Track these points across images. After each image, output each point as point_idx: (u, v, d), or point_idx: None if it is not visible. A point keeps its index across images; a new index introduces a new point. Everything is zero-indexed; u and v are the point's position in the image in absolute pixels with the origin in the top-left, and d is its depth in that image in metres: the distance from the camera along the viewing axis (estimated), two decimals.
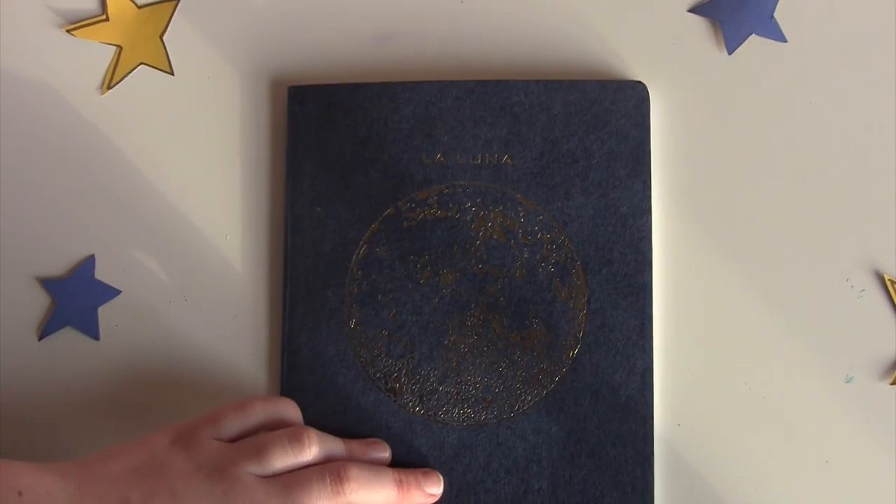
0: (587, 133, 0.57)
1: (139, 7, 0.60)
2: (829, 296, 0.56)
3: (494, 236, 0.57)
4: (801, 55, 0.58)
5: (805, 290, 0.56)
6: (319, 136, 0.59)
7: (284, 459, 0.52)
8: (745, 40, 0.58)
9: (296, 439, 0.53)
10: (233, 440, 0.53)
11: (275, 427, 0.54)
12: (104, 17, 0.60)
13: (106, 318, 0.59)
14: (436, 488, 0.56)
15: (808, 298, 0.56)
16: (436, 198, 0.57)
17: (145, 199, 0.60)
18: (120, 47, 0.60)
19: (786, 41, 0.58)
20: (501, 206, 0.57)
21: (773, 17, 0.58)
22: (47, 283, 0.59)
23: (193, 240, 0.60)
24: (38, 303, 0.59)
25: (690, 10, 0.58)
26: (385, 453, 0.56)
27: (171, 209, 0.60)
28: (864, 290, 0.56)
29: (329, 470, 0.52)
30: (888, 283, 0.56)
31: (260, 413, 0.54)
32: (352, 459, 0.55)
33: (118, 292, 0.59)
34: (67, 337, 0.59)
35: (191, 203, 0.60)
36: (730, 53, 0.58)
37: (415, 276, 0.57)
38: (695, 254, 0.57)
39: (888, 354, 0.56)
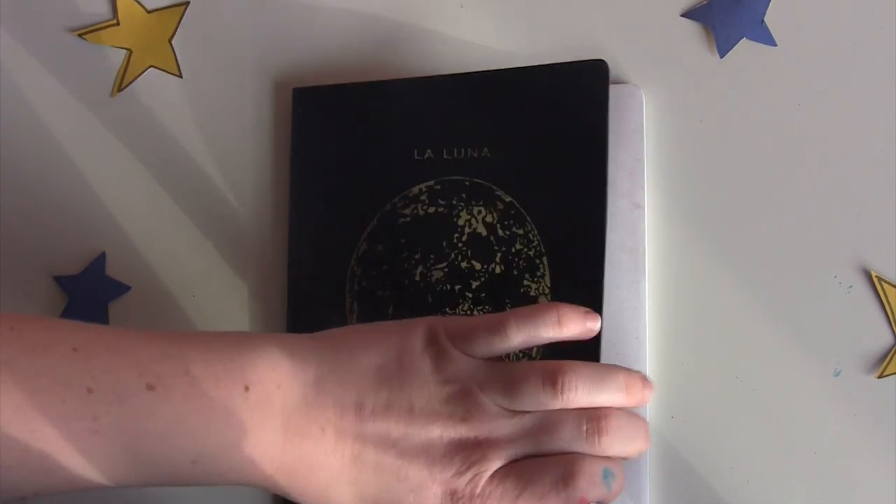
0: (547, 122, 0.56)
1: (149, 12, 0.61)
2: (818, 292, 0.57)
3: (478, 231, 0.57)
4: (792, 59, 0.58)
5: (794, 287, 0.57)
6: (320, 136, 0.59)
7: (535, 400, 0.47)
8: (736, 44, 0.58)
9: (550, 383, 0.47)
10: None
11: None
12: (114, 21, 0.61)
13: (116, 313, 0.60)
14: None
15: (798, 294, 0.57)
16: (426, 194, 0.57)
17: (154, 199, 0.61)
18: (130, 51, 0.61)
19: (776, 45, 0.58)
20: (483, 201, 0.56)
21: (763, 21, 0.58)
22: (60, 280, 0.60)
23: (201, 237, 0.61)
24: (52, 299, 0.60)
25: (683, 15, 0.59)
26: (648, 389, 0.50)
27: (180, 207, 0.61)
28: (851, 287, 0.57)
29: (587, 418, 0.47)
30: (875, 280, 0.56)
31: (514, 336, 0.48)
32: (612, 407, 0.49)
33: (128, 288, 0.60)
34: None
35: (198, 201, 0.61)
36: (721, 57, 0.58)
37: (410, 273, 0.57)
38: (686, 251, 0.58)
39: (875, 349, 0.56)
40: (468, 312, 0.56)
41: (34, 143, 0.61)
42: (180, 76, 0.61)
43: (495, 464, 0.47)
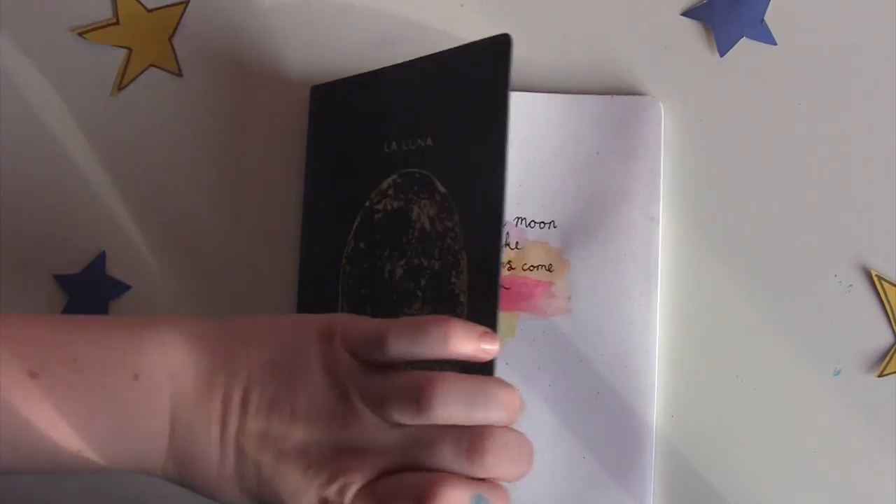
0: (460, 105, 0.52)
1: (149, 11, 0.61)
2: (818, 291, 0.57)
3: (424, 226, 0.53)
4: (791, 58, 0.58)
5: (795, 286, 0.57)
6: (316, 135, 0.60)
7: (402, 416, 0.44)
8: (736, 43, 0.58)
9: (414, 398, 0.43)
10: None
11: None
12: (114, 20, 0.61)
13: (116, 313, 0.60)
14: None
15: (798, 294, 0.57)
16: (392, 188, 0.55)
17: (155, 197, 0.61)
18: (130, 49, 0.61)
19: (776, 44, 0.58)
20: (427, 193, 0.53)
21: (763, 20, 0.58)
22: (60, 279, 0.60)
23: (202, 236, 0.61)
24: (52, 298, 0.60)
25: (683, 14, 0.59)
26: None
27: (180, 206, 0.61)
28: (851, 286, 0.57)
29: (469, 436, 0.43)
30: (875, 279, 0.57)
31: (391, 349, 0.44)
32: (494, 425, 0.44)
33: (128, 288, 0.60)
34: None
35: (199, 201, 0.61)
36: (721, 56, 0.59)
37: (382, 270, 0.55)
38: (685, 249, 0.58)
39: (875, 348, 0.57)
40: (419, 312, 0.53)
41: (34, 143, 0.61)
42: (180, 75, 0.61)
43: (365, 476, 0.44)
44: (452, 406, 0.43)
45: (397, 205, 0.55)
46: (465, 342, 0.44)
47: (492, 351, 0.45)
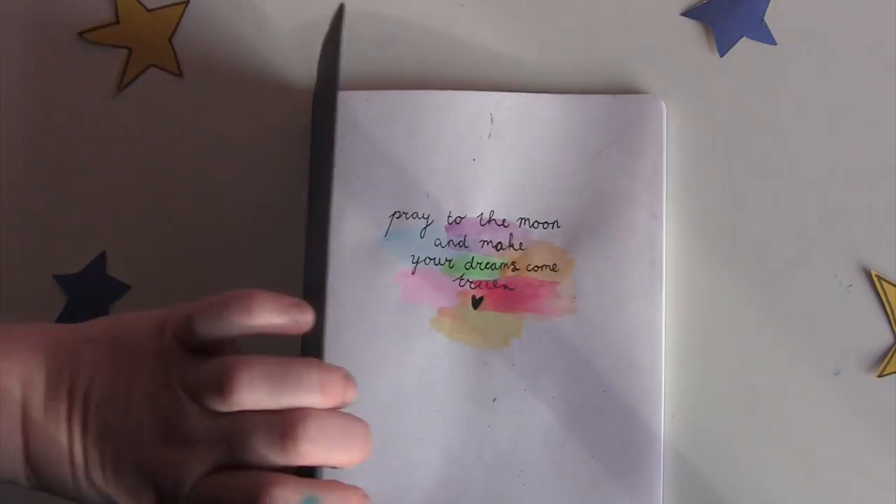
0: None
1: (149, 10, 0.61)
2: (818, 291, 0.57)
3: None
4: (791, 57, 0.58)
5: (794, 286, 0.57)
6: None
7: (210, 403, 0.42)
8: (736, 43, 0.59)
9: (216, 383, 0.42)
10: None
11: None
12: (114, 20, 0.61)
13: (116, 313, 0.60)
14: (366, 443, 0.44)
15: (798, 293, 0.57)
16: None
17: (155, 198, 0.61)
18: (130, 49, 0.61)
19: (776, 44, 0.58)
20: None
21: (763, 20, 0.58)
22: (60, 280, 0.60)
23: (202, 236, 0.61)
24: (52, 299, 0.60)
25: (683, 14, 0.59)
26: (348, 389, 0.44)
27: (180, 207, 0.61)
28: (851, 285, 0.57)
29: (281, 421, 0.42)
30: (875, 279, 0.57)
31: (200, 327, 0.44)
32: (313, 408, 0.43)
33: (128, 288, 0.60)
34: None
35: (199, 201, 0.61)
36: (721, 56, 0.59)
37: None
38: (684, 249, 0.58)
39: (875, 348, 0.57)
40: None
41: (34, 143, 0.61)
42: (180, 75, 0.61)
43: (196, 470, 0.42)
44: (258, 391, 0.42)
45: None
46: (271, 314, 0.43)
47: (305, 322, 0.44)
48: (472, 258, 0.58)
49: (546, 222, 0.58)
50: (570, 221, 0.58)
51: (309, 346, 0.46)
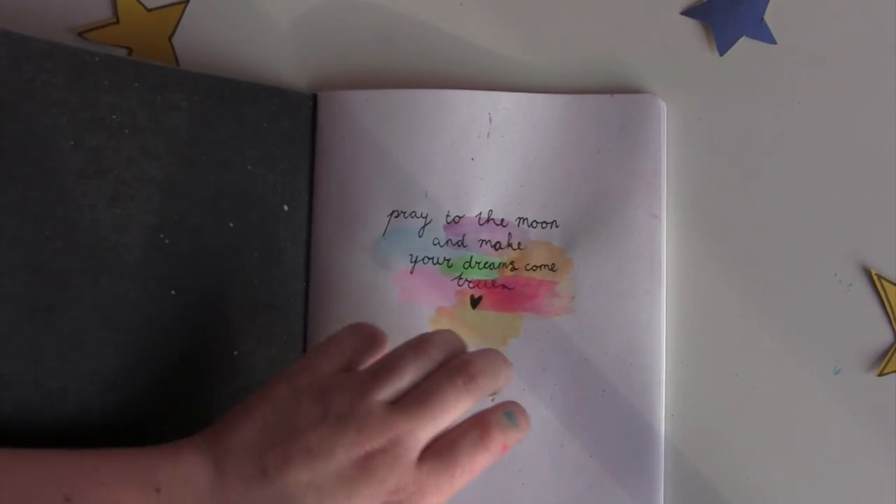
0: None
1: (149, 10, 0.61)
2: (818, 290, 0.57)
3: None
4: (791, 57, 0.58)
5: (794, 285, 0.57)
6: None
7: (414, 375, 0.49)
8: (735, 42, 0.59)
9: (423, 351, 0.50)
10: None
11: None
12: (114, 20, 0.61)
13: None
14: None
15: (798, 292, 0.57)
16: None
17: None
18: (130, 49, 0.61)
19: (776, 43, 0.58)
20: None
21: (763, 19, 0.58)
22: None
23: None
24: None
25: (682, 13, 0.59)
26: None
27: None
28: (851, 285, 0.57)
29: (456, 371, 0.49)
30: (875, 278, 0.57)
31: (348, 346, 0.51)
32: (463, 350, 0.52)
33: None
34: None
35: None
36: (721, 55, 0.59)
37: None
38: (684, 249, 0.58)
39: (875, 347, 0.57)
40: None
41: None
42: None
43: (412, 455, 0.47)
44: (438, 348, 0.50)
45: None
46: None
47: None
48: (471, 258, 0.58)
49: (545, 222, 0.58)
50: (568, 221, 0.58)
51: None
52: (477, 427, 0.49)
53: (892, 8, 0.58)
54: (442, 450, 0.48)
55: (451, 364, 0.49)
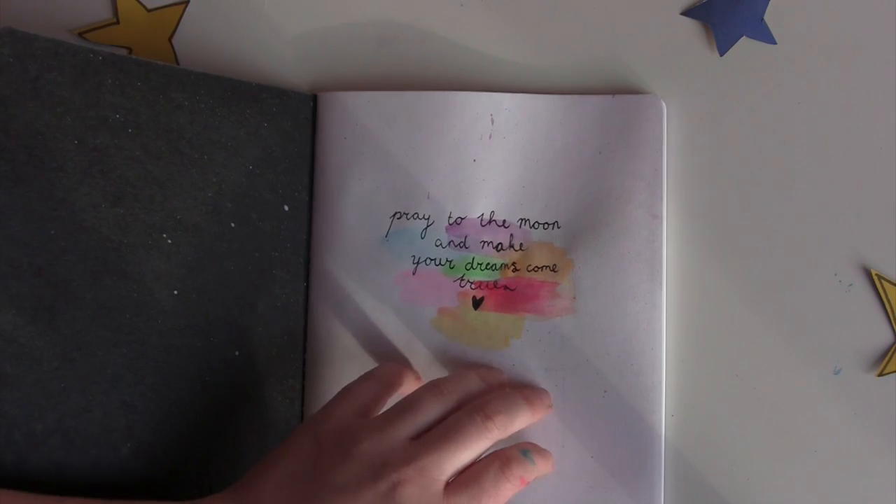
0: None
1: (149, 11, 0.61)
2: (818, 290, 0.57)
3: None
4: (791, 57, 0.58)
5: (794, 285, 0.57)
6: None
7: (433, 414, 0.51)
8: (735, 42, 0.59)
9: (440, 392, 0.52)
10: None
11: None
12: (114, 20, 0.61)
13: None
14: (549, 399, 0.56)
15: (798, 293, 0.57)
16: None
17: None
18: (130, 49, 0.61)
19: (775, 43, 0.58)
20: None
21: (763, 19, 0.58)
22: None
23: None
24: None
25: (683, 13, 0.59)
26: (503, 375, 0.57)
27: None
28: (851, 285, 0.57)
29: (475, 409, 0.51)
30: (875, 278, 0.57)
31: (363, 393, 0.53)
32: (484, 390, 0.54)
33: None
34: None
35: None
36: (721, 55, 0.59)
37: None
38: (684, 249, 0.58)
39: (875, 347, 0.57)
40: None
41: None
42: None
43: (438, 486, 0.49)
44: (454, 389, 0.53)
45: None
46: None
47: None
48: (473, 259, 0.58)
49: (546, 223, 0.58)
50: (570, 222, 0.58)
51: None
52: (497, 460, 0.51)
53: (892, 8, 0.58)
54: (467, 481, 0.49)
55: (470, 405, 0.51)
